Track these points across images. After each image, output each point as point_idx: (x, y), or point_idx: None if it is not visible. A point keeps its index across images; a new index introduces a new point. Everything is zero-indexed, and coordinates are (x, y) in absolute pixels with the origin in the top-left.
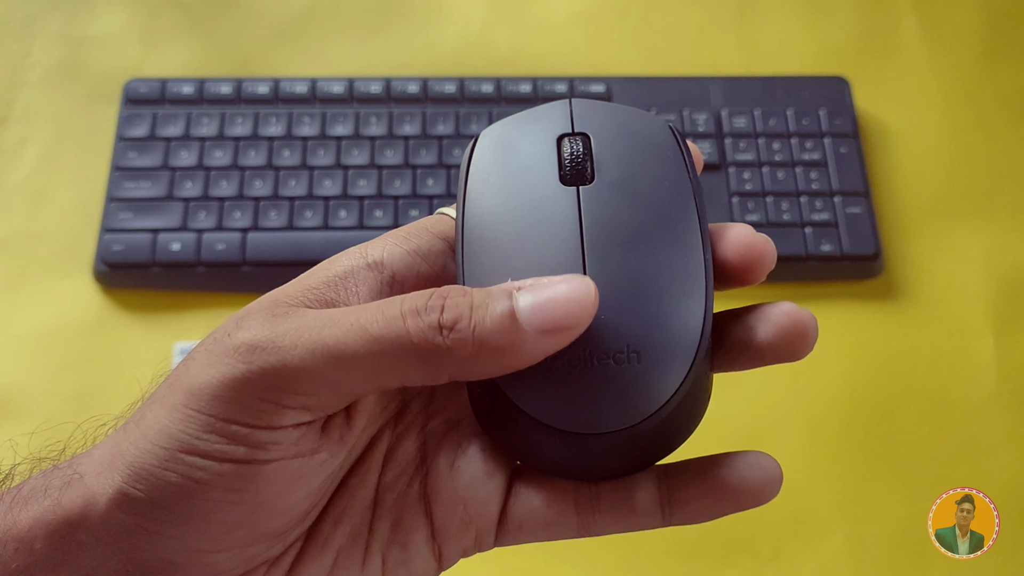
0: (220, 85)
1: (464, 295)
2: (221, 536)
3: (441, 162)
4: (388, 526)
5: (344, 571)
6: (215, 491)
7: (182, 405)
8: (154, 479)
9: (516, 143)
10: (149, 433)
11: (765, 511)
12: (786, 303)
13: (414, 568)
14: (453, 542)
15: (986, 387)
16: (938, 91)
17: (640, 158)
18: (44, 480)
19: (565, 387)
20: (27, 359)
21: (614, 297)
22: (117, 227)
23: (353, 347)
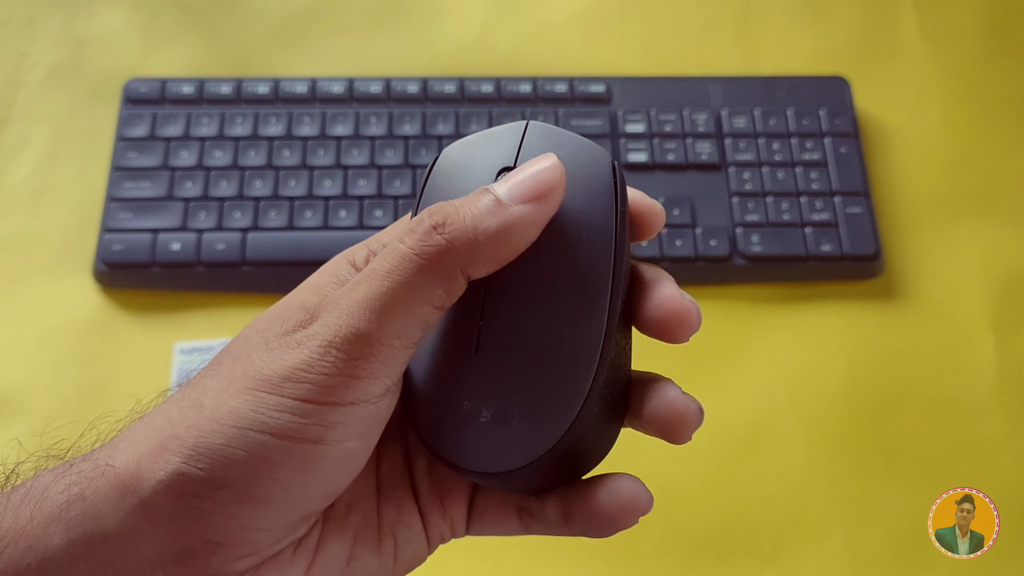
0: (220, 85)
1: (449, 204)
2: (276, 515)
3: None
4: (394, 510)
5: (363, 549)
6: (282, 471)
7: (253, 389)
8: (220, 457)
9: (464, 170)
10: (215, 415)
11: (765, 511)
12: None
13: (417, 547)
14: (434, 528)
15: (986, 387)
16: (938, 91)
17: (569, 202)
18: (59, 476)
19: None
20: (27, 359)
21: (498, 357)
22: (117, 227)
23: (378, 290)
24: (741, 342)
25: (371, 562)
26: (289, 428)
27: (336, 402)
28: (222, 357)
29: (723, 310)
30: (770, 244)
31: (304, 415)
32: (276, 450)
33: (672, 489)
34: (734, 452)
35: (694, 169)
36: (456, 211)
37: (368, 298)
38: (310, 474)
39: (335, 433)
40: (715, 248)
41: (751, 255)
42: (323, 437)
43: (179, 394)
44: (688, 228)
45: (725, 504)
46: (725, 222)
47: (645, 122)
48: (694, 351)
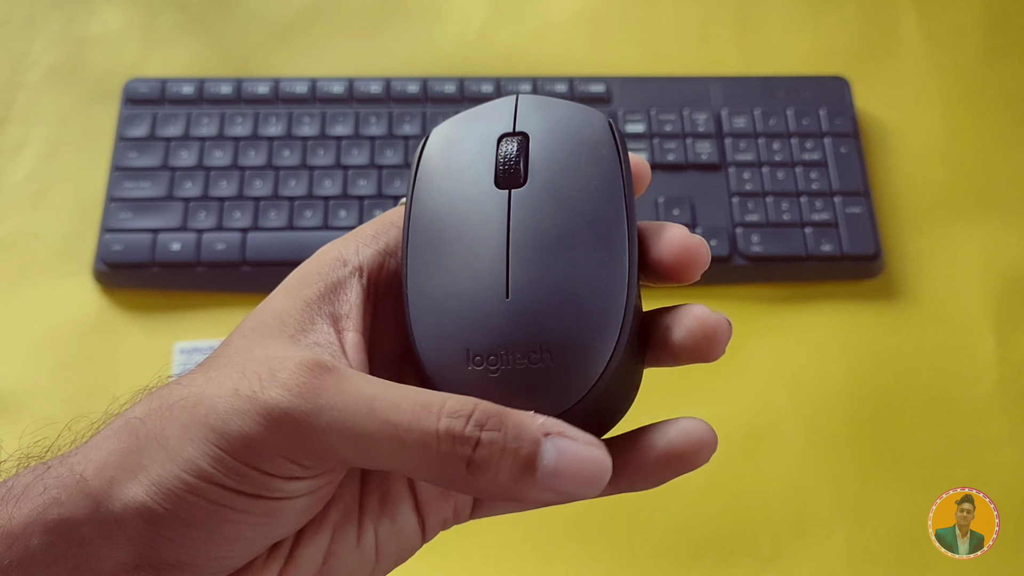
0: (220, 85)
1: (499, 429)
2: (243, 549)
3: None
4: (377, 501)
5: (340, 546)
6: (246, 519)
7: (211, 443)
8: (182, 502)
9: (461, 143)
10: (176, 458)
11: (765, 511)
12: (699, 307)
13: (403, 540)
14: (434, 514)
15: (986, 387)
16: (938, 91)
17: (574, 158)
18: (38, 478)
19: (491, 387)
20: (27, 359)
21: (533, 300)
22: (117, 227)
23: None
24: (741, 342)
25: (349, 559)
26: (246, 490)
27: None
28: (195, 375)
29: (723, 310)
30: (770, 244)
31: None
32: (234, 505)
33: (672, 489)
34: (734, 452)
35: (694, 169)
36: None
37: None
38: (275, 518)
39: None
40: (715, 248)
41: (751, 255)
42: (282, 496)
43: (149, 403)
44: (688, 228)
45: (725, 504)
46: (725, 222)
47: (645, 122)
48: None
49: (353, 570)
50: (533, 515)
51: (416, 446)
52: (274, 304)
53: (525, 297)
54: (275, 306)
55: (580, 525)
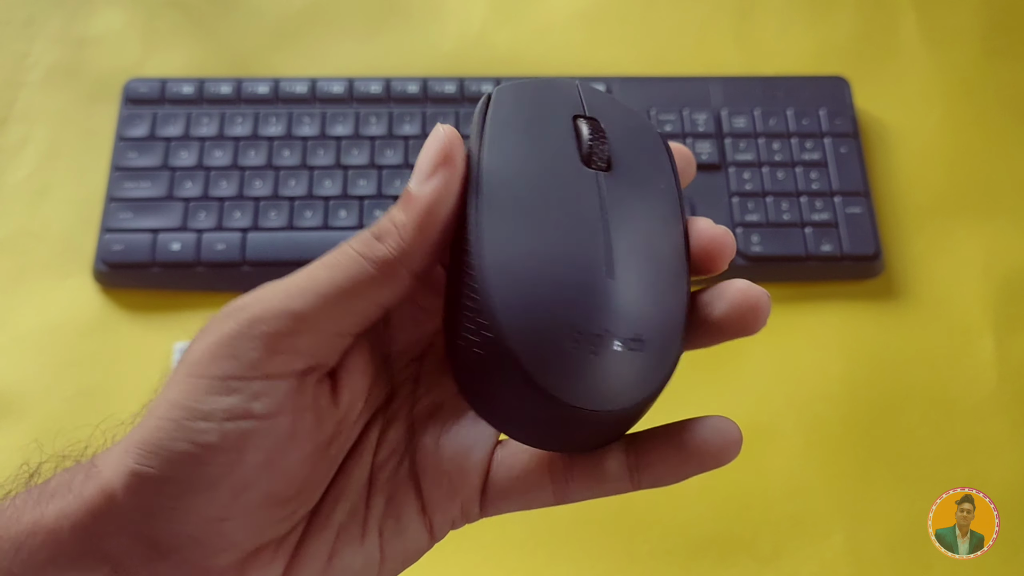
0: (220, 85)
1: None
2: (229, 501)
3: None
4: (383, 502)
5: (345, 545)
6: (219, 454)
7: (185, 376)
8: (164, 451)
9: (532, 113)
10: (157, 409)
11: (765, 511)
12: (740, 280)
13: (408, 540)
14: (441, 514)
15: (986, 387)
16: (938, 91)
17: (639, 150)
18: (68, 476)
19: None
20: (27, 359)
21: (633, 285)
22: (117, 227)
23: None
24: (741, 342)
25: (354, 556)
26: (217, 409)
27: (256, 375)
28: None
29: None
30: (770, 244)
31: (228, 392)
32: (207, 432)
33: (672, 489)
34: None
35: None
36: (384, 217)
37: (307, 280)
38: (246, 452)
39: (259, 406)
40: None
41: (751, 255)
42: (249, 411)
43: None
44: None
45: (725, 504)
46: (725, 222)
47: None
48: (694, 351)
49: (358, 569)
50: (534, 516)
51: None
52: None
53: (627, 281)
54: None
55: (580, 525)
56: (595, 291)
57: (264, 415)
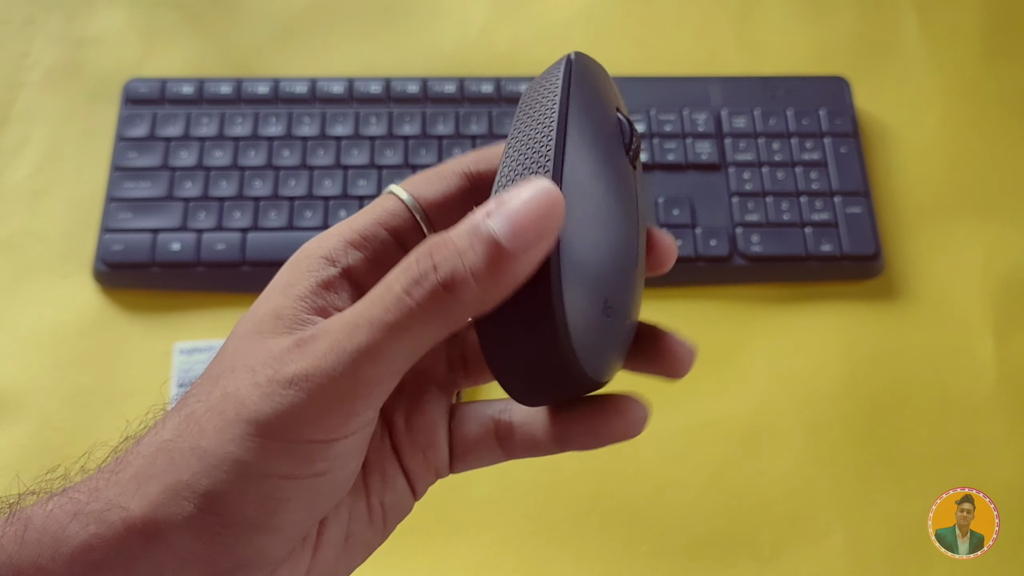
0: (220, 85)
1: (446, 245)
2: (291, 538)
3: (441, 162)
4: (379, 478)
5: (356, 524)
6: (293, 506)
7: (250, 436)
8: (234, 503)
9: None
10: (221, 464)
11: (765, 511)
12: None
13: (403, 505)
14: (421, 480)
15: (986, 387)
16: (938, 91)
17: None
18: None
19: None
20: (27, 359)
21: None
22: (117, 227)
23: (380, 342)
24: (741, 342)
25: (365, 533)
26: (295, 470)
27: (336, 438)
28: (208, 385)
29: (723, 310)
30: (770, 244)
31: (307, 457)
32: (285, 489)
33: (672, 489)
34: (734, 452)
35: (694, 169)
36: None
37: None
38: (319, 500)
39: (338, 463)
40: (715, 248)
41: (751, 255)
42: (327, 470)
43: (172, 422)
44: (688, 228)
45: (725, 504)
46: (725, 222)
47: (645, 122)
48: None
49: (368, 540)
50: (533, 515)
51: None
52: (268, 304)
53: (639, 271)
54: (269, 306)
55: (580, 524)
56: (627, 274)
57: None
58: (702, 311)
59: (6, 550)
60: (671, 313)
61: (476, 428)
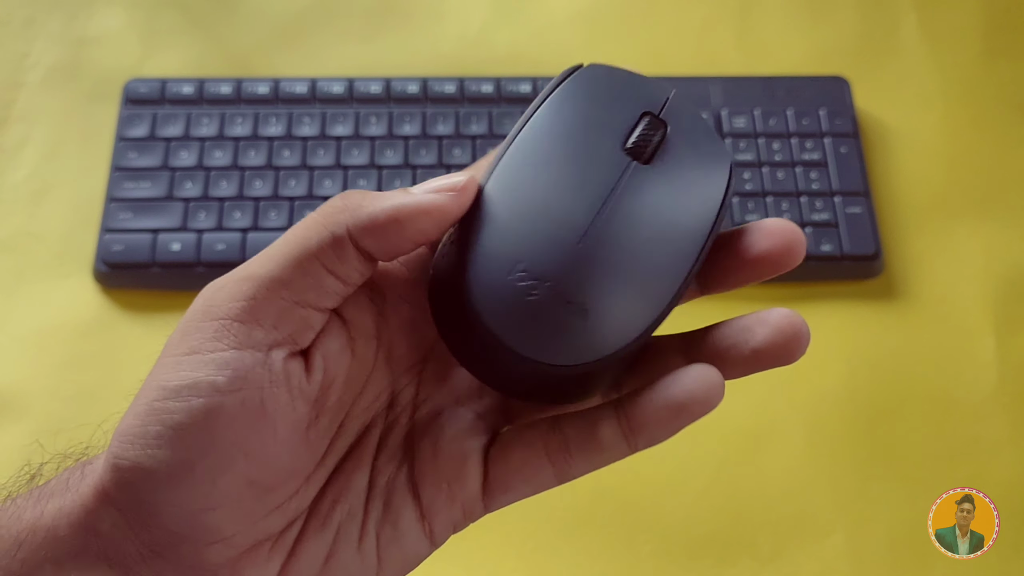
0: (220, 85)
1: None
2: (208, 487)
3: (441, 162)
4: (381, 504)
5: (343, 546)
6: (189, 433)
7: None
8: (138, 440)
9: (603, 96)
10: (136, 399)
11: (765, 511)
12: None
13: (406, 546)
14: (442, 518)
15: (986, 387)
16: (938, 91)
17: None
18: (67, 474)
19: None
20: (27, 359)
21: (599, 259)
22: (117, 227)
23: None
24: None
25: (351, 561)
26: (182, 386)
27: (218, 348)
28: None
29: (723, 310)
30: None
31: (191, 367)
32: (175, 412)
33: (672, 489)
34: (734, 452)
35: None
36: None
37: (267, 250)
38: (216, 430)
39: (222, 379)
40: None
41: None
42: (213, 384)
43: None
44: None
45: (725, 504)
46: (725, 222)
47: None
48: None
49: (354, 573)
50: (534, 515)
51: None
52: None
53: (595, 253)
54: None
55: (580, 525)
56: (556, 244)
57: (228, 388)
58: (702, 311)
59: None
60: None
61: (521, 450)
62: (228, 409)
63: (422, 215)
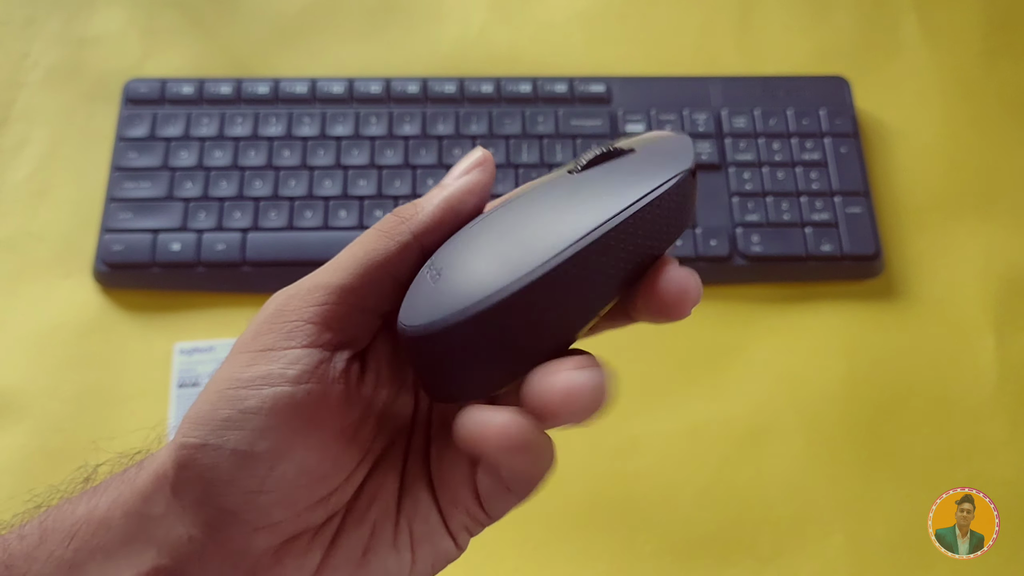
0: (220, 85)
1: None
2: (266, 471)
3: (441, 162)
4: (411, 503)
5: (379, 543)
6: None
7: (230, 356)
8: (209, 421)
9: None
10: (206, 389)
11: (765, 511)
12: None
13: (436, 544)
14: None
15: (986, 387)
16: (938, 91)
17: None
18: (126, 470)
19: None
20: (27, 359)
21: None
22: (117, 227)
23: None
24: (741, 342)
25: (387, 555)
26: (256, 376)
27: (290, 345)
28: None
29: (723, 310)
30: (770, 244)
31: (266, 361)
32: (247, 399)
33: (672, 489)
34: (734, 452)
35: None
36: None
37: (337, 258)
38: (282, 415)
39: (293, 371)
40: (715, 248)
41: (751, 255)
42: (284, 376)
43: None
44: (688, 228)
45: (725, 504)
46: (725, 222)
47: (645, 122)
48: (695, 351)
49: (390, 568)
50: (534, 515)
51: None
52: None
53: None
54: None
55: (580, 525)
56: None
57: (297, 379)
58: (702, 311)
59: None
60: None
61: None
62: (296, 399)
63: (467, 195)
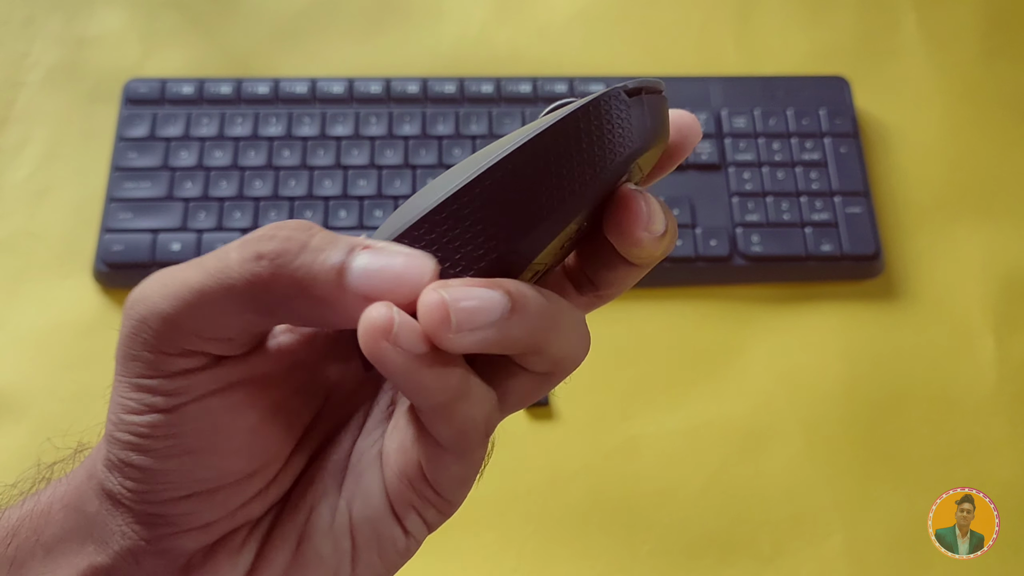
0: (220, 85)
1: (307, 231)
2: (183, 481)
3: (441, 162)
4: (354, 483)
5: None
6: (157, 442)
7: (115, 374)
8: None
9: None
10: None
11: (765, 511)
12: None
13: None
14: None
15: (986, 387)
16: (938, 91)
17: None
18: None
19: None
20: (27, 359)
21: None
22: (117, 227)
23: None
24: (741, 342)
25: (323, 541)
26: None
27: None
28: None
29: (723, 310)
30: (770, 244)
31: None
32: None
33: (672, 489)
34: (734, 452)
35: (694, 169)
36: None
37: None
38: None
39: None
40: (715, 248)
41: (751, 255)
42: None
43: None
44: (688, 228)
45: (725, 504)
46: (725, 222)
47: None
48: (694, 351)
49: (327, 555)
50: (533, 515)
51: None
52: None
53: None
54: None
55: (580, 525)
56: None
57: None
58: (702, 311)
59: None
60: (671, 313)
61: None
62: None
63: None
